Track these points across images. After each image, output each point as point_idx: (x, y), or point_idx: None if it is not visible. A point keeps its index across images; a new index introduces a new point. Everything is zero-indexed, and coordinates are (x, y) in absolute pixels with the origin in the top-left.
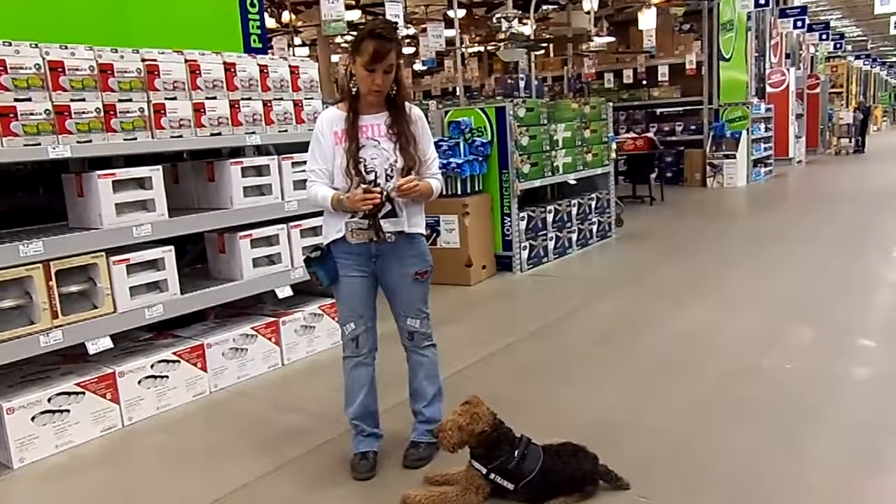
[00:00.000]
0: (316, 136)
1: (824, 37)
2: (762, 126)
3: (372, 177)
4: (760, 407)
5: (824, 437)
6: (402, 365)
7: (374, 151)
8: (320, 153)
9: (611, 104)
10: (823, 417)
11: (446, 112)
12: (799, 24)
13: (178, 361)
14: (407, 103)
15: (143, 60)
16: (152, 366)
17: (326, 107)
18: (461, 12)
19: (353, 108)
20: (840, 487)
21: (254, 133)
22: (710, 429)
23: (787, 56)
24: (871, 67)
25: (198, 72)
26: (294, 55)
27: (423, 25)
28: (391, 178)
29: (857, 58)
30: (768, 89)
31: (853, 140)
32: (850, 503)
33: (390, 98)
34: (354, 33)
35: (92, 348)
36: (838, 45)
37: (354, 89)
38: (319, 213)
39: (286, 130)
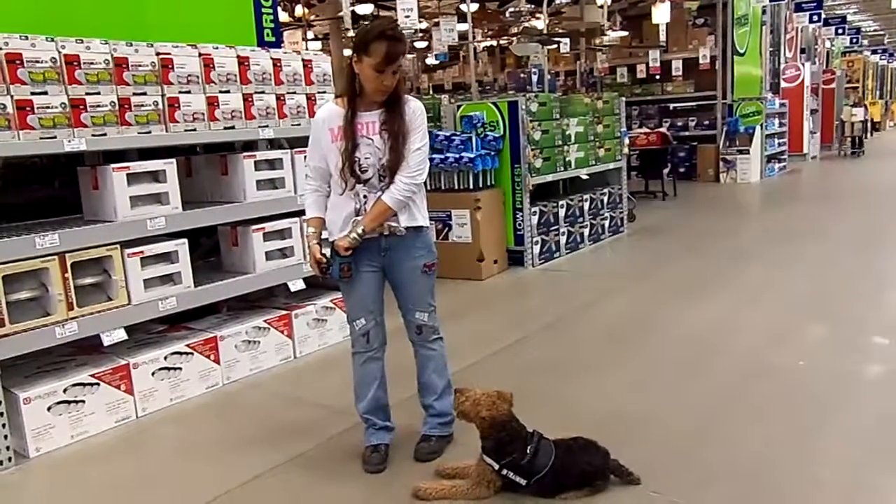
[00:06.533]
0: (314, 132)
1: (840, 31)
2: (776, 121)
3: (367, 176)
4: (772, 403)
5: (836, 433)
6: (410, 358)
7: (367, 150)
8: (317, 150)
9: (623, 99)
10: (836, 414)
11: (459, 106)
12: (815, 18)
13: (192, 353)
14: (404, 97)
15: (158, 54)
16: (166, 357)
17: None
18: (474, 6)
19: (352, 105)
20: (852, 484)
21: (267, 127)
22: (722, 424)
23: (803, 51)
24: (889, 62)
25: (211, 65)
26: (307, 49)
27: (436, 20)
28: (384, 177)
29: (874, 52)
30: (783, 84)
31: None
32: (862, 499)
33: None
34: (358, 28)
35: (107, 340)
36: (854, 40)
37: (358, 88)
38: None
39: (299, 124)
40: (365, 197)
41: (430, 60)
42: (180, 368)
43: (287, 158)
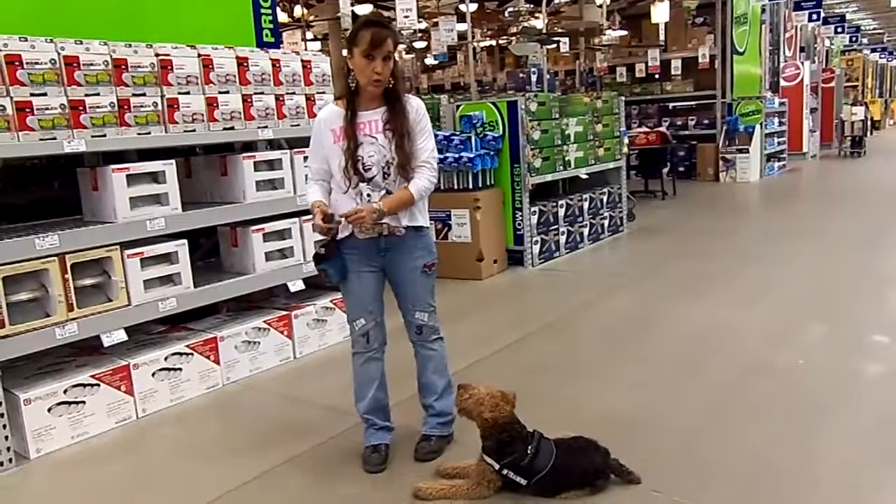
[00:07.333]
0: (315, 133)
1: (840, 30)
2: (776, 120)
3: (370, 174)
4: (772, 403)
5: (835, 433)
6: (410, 358)
7: (371, 149)
8: (318, 152)
9: (623, 98)
10: (835, 414)
11: (458, 106)
12: (814, 16)
13: (192, 354)
14: (405, 95)
15: (157, 55)
16: (166, 358)
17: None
18: (473, 6)
19: (351, 106)
20: (851, 484)
21: (266, 127)
22: (722, 424)
23: (802, 49)
24: (888, 61)
25: (211, 66)
26: (306, 49)
27: (435, 20)
28: (388, 175)
29: (874, 51)
30: (782, 83)
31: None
32: (862, 499)
33: (387, 92)
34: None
35: (107, 341)
36: (854, 39)
37: (353, 84)
38: None
39: (298, 125)
40: (369, 195)
41: (430, 60)
42: (180, 369)
43: (286, 159)
